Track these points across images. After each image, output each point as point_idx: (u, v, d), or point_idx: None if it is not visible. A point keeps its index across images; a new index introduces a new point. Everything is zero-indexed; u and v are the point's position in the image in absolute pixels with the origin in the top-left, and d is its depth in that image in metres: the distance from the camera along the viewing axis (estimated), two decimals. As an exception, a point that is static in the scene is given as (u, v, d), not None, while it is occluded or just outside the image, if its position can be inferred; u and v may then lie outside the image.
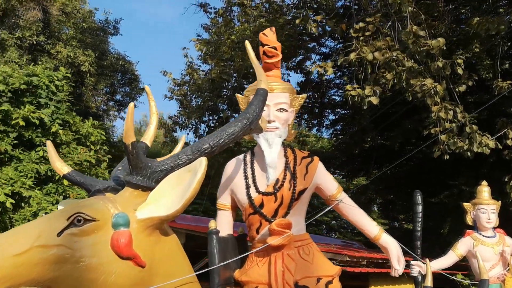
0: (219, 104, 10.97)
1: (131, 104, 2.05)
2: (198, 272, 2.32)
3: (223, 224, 3.08)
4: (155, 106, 3.03)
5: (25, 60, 15.81)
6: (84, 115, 17.72)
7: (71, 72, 16.35)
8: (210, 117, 11.92)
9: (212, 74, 10.26)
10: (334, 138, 15.67)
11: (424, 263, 3.53)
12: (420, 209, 3.94)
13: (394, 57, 6.48)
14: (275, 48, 3.03)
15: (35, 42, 16.51)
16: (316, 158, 3.08)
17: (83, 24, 17.30)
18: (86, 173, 7.81)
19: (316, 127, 14.59)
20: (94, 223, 1.95)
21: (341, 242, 18.29)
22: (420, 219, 3.97)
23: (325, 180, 3.08)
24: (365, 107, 6.93)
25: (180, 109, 12.64)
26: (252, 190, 2.94)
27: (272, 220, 2.87)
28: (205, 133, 11.71)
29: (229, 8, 11.72)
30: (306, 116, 13.75)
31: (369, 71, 6.89)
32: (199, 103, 11.34)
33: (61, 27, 17.11)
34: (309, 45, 11.50)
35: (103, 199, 2.09)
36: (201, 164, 2.01)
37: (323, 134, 16.28)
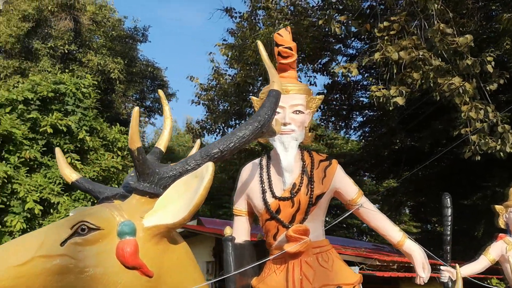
0: (246, 108, 10.89)
1: (136, 109, 1.97)
2: (209, 282, 2.22)
3: (239, 230, 2.98)
4: (169, 110, 2.96)
5: (57, 69, 16.09)
6: (114, 121, 17.96)
7: (101, 79, 16.62)
8: (237, 121, 11.85)
9: (237, 78, 10.21)
10: (363, 140, 15.39)
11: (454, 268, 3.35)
12: (449, 212, 3.75)
13: (420, 56, 6.27)
14: (290, 49, 2.91)
15: (66, 51, 16.81)
16: (334, 161, 2.95)
17: (113, 32, 17.52)
18: (113, 179, 7.85)
19: (344, 130, 14.37)
20: (99, 231, 1.87)
21: (372, 245, 17.95)
22: (449, 223, 3.77)
23: (344, 184, 2.94)
24: (390, 108, 6.74)
25: (207, 114, 12.63)
26: (268, 195, 2.84)
27: (289, 226, 2.75)
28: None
29: (253, 12, 11.65)
30: (333, 118, 13.53)
31: (395, 71, 6.69)
32: (225, 107, 11.30)
33: (91, 36, 17.38)
34: (334, 47, 11.32)
35: (109, 207, 2.01)
36: (208, 169, 1.91)
37: (351, 137, 16.03)
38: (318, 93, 10.67)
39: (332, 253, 2.84)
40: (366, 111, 14.93)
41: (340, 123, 13.70)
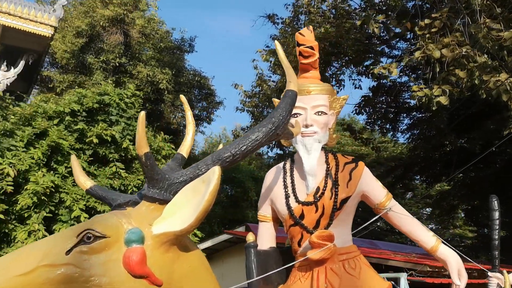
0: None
1: (142, 113, 1.90)
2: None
3: (264, 236, 2.87)
4: (191, 115, 2.89)
5: (109, 81, 16.53)
6: (164, 131, 18.27)
7: (151, 90, 16.97)
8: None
9: (279, 84, 10.11)
10: (412, 143, 14.88)
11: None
12: (497, 216, 3.49)
13: (463, 53, 5.94)
14: (311, 48, 2.78)
15: (118, 64, 17.28)
16: (360, 163, 2.78)
17: (161, 44, 17.87)
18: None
19: (391, 132, 13.94)
20: (105, 239, 1.81)
21: (424, 250, 17.31)
22: (497, 227, 3.50)
23: (372, 187, 2.76)
24: (434, 108, 6.44)
25: (252, 120, 12.59)
26: (292, 200, 2.71)
27: (313, 231, 2.61)
28: (275, 143, 11.53)
29: (295, 17, 11.54)
30: (379, 121, 13.15)
31: (437, 69, 6.39)
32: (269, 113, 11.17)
33: (141, 49, 17.78)
34: (378, 49, 11.02)
35: (117, 214, 1.96)
36: (214, 173, 1.82)
37: (398, 140, 15.52)
38: (364, 97, 10.45)
39: (360, 260, 2.68)
40: (414, 112, 14.46)
41: (387, 126, 13.31)
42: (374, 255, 11.41)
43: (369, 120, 12.92)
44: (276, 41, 2.42)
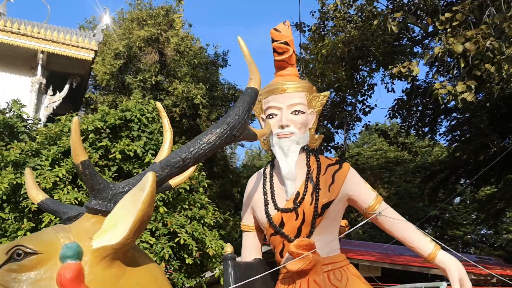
0: (319, 122, 10.44)
1: (75, 119, 1.75)
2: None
3: (248, 247, 2.65)
4: (168, 123, 2.74)
5: (147, 99, 16.75)
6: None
7: (187, 106, 17.05)
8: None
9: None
10: (452, 146, 14.17)
11: None
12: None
13: (487, 46, 5.52)
14: (286, 44, 2.55)
15: (154, 82, 17.49)
16: (345, 165, 2.52)
17: (195, 60, 17.97)
18: (185, 199, 7.80)
19: (429, 135, 13.33)
20: (36, 256, 1.66)
21: (475, 258, 16.45)
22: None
23: (359, 190, 2.50)
24: (459, 106, 6.02)
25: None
26: (271, 207, 2.49)
27: (295, 240, 2.37)
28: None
29: (321, 23, 11.28)
30: (415, 125, 12.57)
31: (462, 65, 5.98)
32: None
33: (176, 66, 17.95)
34: (407, 50, 10.57)
35: (56, 229, 1.80)
36: (148, 180, 1.64)
37: (438, 143, 14.81)
38: (398, 100, 9.97)
39: (347, 270, 2.41)
40: (455, 114, 13.81)
41: (424, 129, 12.74)
42: (415, 263, 10.91)
43: (404, 124, 12.41)
44: (239, 37, 2.22)
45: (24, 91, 18.76)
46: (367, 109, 11.98)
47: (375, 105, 12.13)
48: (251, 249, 2.64)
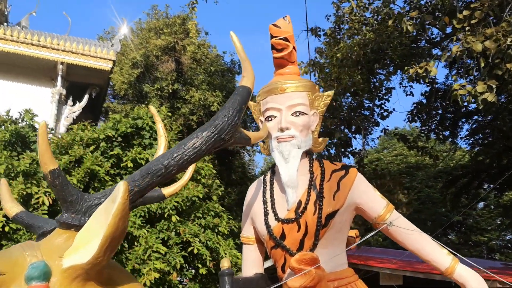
0: (334, 125, 10.18)
1: (42, 123, 1.57)
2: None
3: (248, 261, 2.43)
4: (163, 128, 2.55)
5: (164, 108, 16.68)
6: (220, 153, 18.13)
7: (204, 113, 16.93)
8: (329, 140, 11.16)
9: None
10: (474, 150, 13.70)
11: None
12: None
13: (508, 44, 5.21)
14: (285, 39, 2.33)
15: (171, 91, 17.42)
16: (352, 171, 2.28)
17: (211, 68, 17.87)
18: (199, 207, 7.61)
19: (450, 139, 12.90)
20: (-1, 277, 1.47)
21: (501, 264, 15.91)
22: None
23: (367, 198, 2.25)
24: (480, 107, 5.70)
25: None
26: (271, 218, 2.26)
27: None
28: (325, 157, 10.98)
29: (337, 27, 11.02)
30: (436, 128, 12.16)
31: (482, 64, 5.67)
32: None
33: (192, 74, 17.87)
34: (426, 51, 10.23)
35: (23, 246, 1.61)
36: (119, 190, 1.44)
37: (460, 146, 14.34)
38: (417, 103, 9.64)
39: (356, 286, 2.17)
40: (476, 117, 13.36)
41: (444, 133, 12.33)
42: (439, 272, 10.52)
43: (424, 128, 12.03)
44: (231, 32, 2.01)
45: (44, 102, 18.92)
46: (385, 114, 11.66)
47: (393, 109, 11.79)
48: (252, 263, 2.42)
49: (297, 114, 2.27)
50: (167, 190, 2.46)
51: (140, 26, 20.59)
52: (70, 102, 19.54)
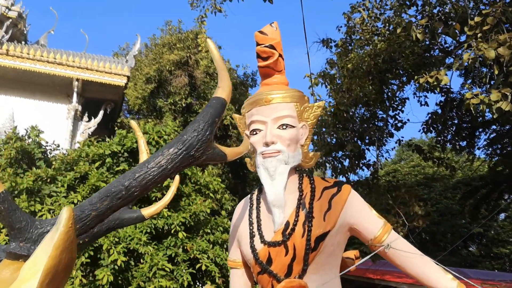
0: (347, 137, 9.92)
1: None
2: None
3: (235, 287, 2.22)
4: (144, 144, 2.38)
5: (177, 122, 16.62)
6: (239, 166, 17.94)
7: (219, 127, 16.84)
8: (342, 152, 10.89)
9: (330, 107, 9.40)
10: (495, 159, 13.26)
11: None
12: None
13: (524, 49, 4.95)
14: (271, 47, 2.13)
15: (184, 105, 17.35)
16: (345, 188, 2.06)
17: (224, 81, 17.76)
18: (207, 223, 7.42)
19: (467, 150, 12.50)
20: None
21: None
22: None
23: (362, 218, 2.03)
24: (494, 116, 5.42)
25: (315, 148, 11.86)
26: (257, 240, 2.06)
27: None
28: (338, 170, 10.69)
29: (348, 38, 10.81)
30: (452, 139, 11.79)
31: (496, 72, 5.39)
32: (328, 139, 10.47)
33: (206, 88, 17.80)
34: (439, 60, 9.93)
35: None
36: (62, 217, 1.25)
37: (478, 157, 13.89)
38: (432, 113, 9.30)
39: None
40: (493, 126, 12.95)
41: (460, 143, 11.95)
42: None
43: (440, 138, 11.67)
44: (208, 39, 1.83)
45: (60, 118, 19.05)
46: (399, 124, 11.36)
47: (408, 120, 11.48)
48: (239, 289, 2.21)
49: (284, 127, 2.06)
50: (147, 211, 2.27)
51: (154, 42, 20.65)
52: (85, 118, 19.64)
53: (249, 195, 2.28)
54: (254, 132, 2.10)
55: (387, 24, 10.34)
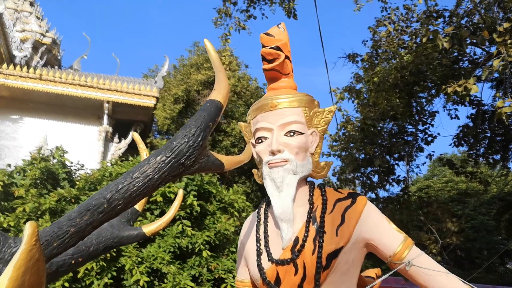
0: (376, 153, 9.62)
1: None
2: None
3: None
4: (147, 156, 2.22)
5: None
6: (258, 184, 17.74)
7: (245, 145, 16.70)
8: (371, 168, 10.56)
9: (357, 122, 9.15)
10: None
11: None
12: None
13: (557, 54, 4.64)
14: (277, 48, 1.96)
15: (212, 124, 17.33)
16: (360, 199, 1.85)
17: (251, 100, 17.71)
18: (233, 241, 7.23)
19: (501, 163, 11.96)
20: None
21: None
22: None
23: (379, 232, 1.80)
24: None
25: (343, 165, 11.58)
26: (264, 258, 1.86)
27: (295, 304, 1.72)
28: (367, 186, 10.36)
29: (374, 52, 10.58)
30: (484, 152, 11.30)
31: (529, 79, 5.10)
32: (355, 155, 10.19)
33: (233, 106, 17.76)
34: (469, 72, 9.57)
35: None
36: (24, 233, 1.10)
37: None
38: (463, 126, 8.91)
39: None
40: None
41: (493, 157, 11.44)
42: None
43: (472, 152, 11.21)
44: (205, 40, 1.68)
45: (92, 140, 19.32)
46: (429, 139, 10.98)
47: (438, 134, 11.08)
48: (248, 313, 2.00)
49: (291, 133, 1.87)
50: (148, 228, 2.12)
51: (182, 63, 20.83)
52: (116, 139, 19.85)
53: (257, 209, 2.09)
54: (260, 141, 1.93)
55: (413, 37, 10.09)
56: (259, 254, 1.87)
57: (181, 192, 2.22)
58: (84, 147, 18.53)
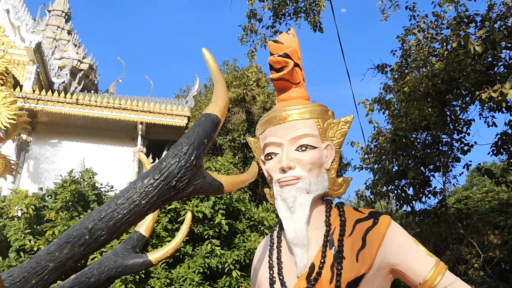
0: (409, 164, 9.25)
1: None
2: None
3: None
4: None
5: (237, 159, 16.48)
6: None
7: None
8: (404, 180, 10.16)
9: (388, 133, 8.83)
10: None
11: None
12: None
13: None
14: (286, 56, 1.78)
15: (243, 141, 17.25)
16: (384, 219, 1.63)
17: (281, 115, 17.59)
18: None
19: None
20: None
21: None
22: None
23: (406, 257, 1.57)
24: None
25: (374, 178, 11.21)
26: (277, 287, 1.66)
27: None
28: (402, 199, 9.96)
29: (403, 61, 10.26)
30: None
31: None
32: (388, 167, 9.84)
33: (264, 123, 17.66)
34: (504, 77, 9.12)
35: None
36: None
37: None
38: (501, 134, 8.47)
39: None
40: None
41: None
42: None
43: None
44: (203, 49, 1.52)
45: (127, 161, 19.53)
46: (465, 148, 10.51)
47: (475, 142, 10.59)
48: None
49: (303, 148, 1.68)
50: (154, 256, 1.96)
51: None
52: (150, 159, 19.99)
53: (270, 232, 1.90)
54: (269, 157, 1.74)
55: (444, 44, 9.73)
56: (272, 282, 1.67)
57: (189, 215, 2.06)
58: (119, 168, 18.74)
